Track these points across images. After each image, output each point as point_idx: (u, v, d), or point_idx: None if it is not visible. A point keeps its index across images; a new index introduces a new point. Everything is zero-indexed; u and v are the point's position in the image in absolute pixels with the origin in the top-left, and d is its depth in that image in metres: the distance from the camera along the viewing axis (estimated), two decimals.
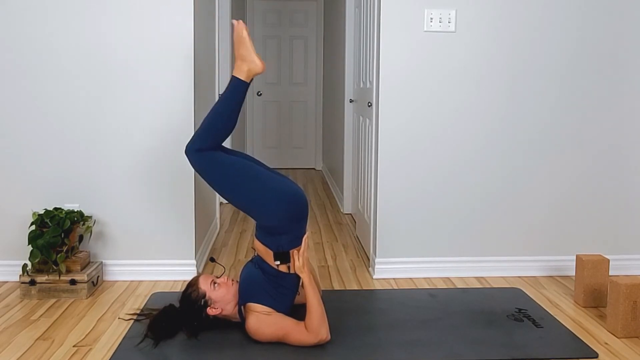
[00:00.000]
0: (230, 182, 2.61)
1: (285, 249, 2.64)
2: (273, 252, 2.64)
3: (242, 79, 2.67)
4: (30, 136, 3.42)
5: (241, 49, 2.68)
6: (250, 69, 2.68)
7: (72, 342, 2.65)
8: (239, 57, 2.68)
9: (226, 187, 2.63)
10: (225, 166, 2.61)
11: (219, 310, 2.66)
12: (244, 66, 2.67)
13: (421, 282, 3.54)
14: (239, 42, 2.69)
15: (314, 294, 2.58)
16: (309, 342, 2.55)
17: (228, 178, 2.61)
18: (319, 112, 8.27)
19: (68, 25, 3.36)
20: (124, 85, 3.41)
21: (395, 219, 3.58)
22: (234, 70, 2.68)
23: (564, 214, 3.66)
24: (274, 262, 2.64)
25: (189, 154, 2.64)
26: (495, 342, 2.67)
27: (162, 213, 3.49)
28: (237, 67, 2.68)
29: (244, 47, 2.68)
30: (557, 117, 3.59)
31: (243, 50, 2.68)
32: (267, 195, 2.59)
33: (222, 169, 2.61)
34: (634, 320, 2.74)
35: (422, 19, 3.46)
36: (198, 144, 2.62)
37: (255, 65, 2.68)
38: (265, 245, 2.66)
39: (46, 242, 3.10)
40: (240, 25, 2.70)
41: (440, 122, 3.54)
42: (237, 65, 2.68)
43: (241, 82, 2.67)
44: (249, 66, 2.68)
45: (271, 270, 2.66)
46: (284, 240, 2.64)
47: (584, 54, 3.56)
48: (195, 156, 2.63)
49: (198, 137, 2.63)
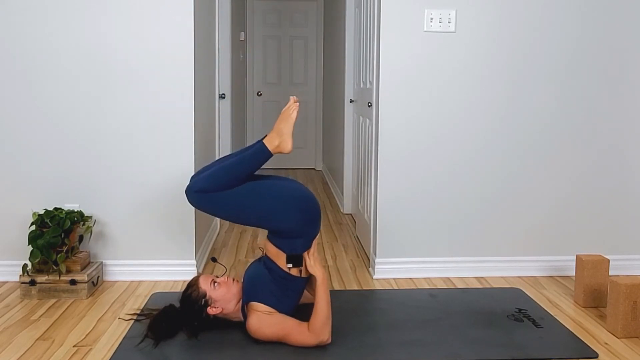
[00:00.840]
0: (235, 210, 2.63)
1: (299, 252, 2.66)
2: (286, 254, 2.65)
3: (270, 149, 2.69)
4: (30, 136, 3.42)
5: (283, 125, 2.71)
6: (281, 146, 2.71)
7: (72, 342, 2.65)
8: (277, 130, 2.71)
9: (232, 217, 2.66)
10: (226, 198, 2.62)
11: (219, 309, 2.66)
12: (276, 140, 2.70)
13: (421, 282, 3.54)
14: (286, 119, 2.72)
15: (325, 294, 2.58)
16: (310, 344, 2.55)
17: (232, 208, 2.63)
18: (319, 112, 8.27)
19: (68, 26, 3.36)
20: (124, 85, 3.41)
21: (395, 219, 3.58)
22: (266, 139, 2.71)
23: (564, 214, 3.66)
24: (285, 264, 2.65)
25: (188, 194, 2.64)
26: (495, 342, 2.67)
27: (162, 213, 3.49)
28: (270, 138, 2.71)
29: (287, 125, 2.71)
30: (557, 117, 3.59)
31: (284, 127, 2.71)
32: (276, 208, 2.61)
33: (223, 203, 2.62)
34: (634, 321, 2.74)
35: (422, 19, 3.46)
36: (200, 185, 2.61)
37: (287, 144, 2.72)
38: (278, 247, 2.67)
39: (46, 242, 3.10)
40: (294, 105, 2.74)
41: (440, 122, 3.54)
42: (272, 136, 2.71)
43: (267, 151, 2.69)
44: (281, 143, 2.71)
45: (280, 272, 2.67)
46: (298, 244, 2.66)
47: (584, 54, 3.57)
48: (195, 196, 2.63)
49: (202, 180, 2.62)
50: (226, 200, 2.62)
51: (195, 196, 2.62)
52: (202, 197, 2.61)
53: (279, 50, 8.19)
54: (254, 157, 2.67)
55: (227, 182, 2.61)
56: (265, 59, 8.19)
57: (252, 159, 2.66)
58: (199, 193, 2.61)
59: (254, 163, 2.66)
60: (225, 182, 2.61)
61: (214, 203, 2.62)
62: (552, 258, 3.68)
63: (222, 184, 2.61)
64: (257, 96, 8.22)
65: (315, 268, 2.64)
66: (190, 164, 3.48)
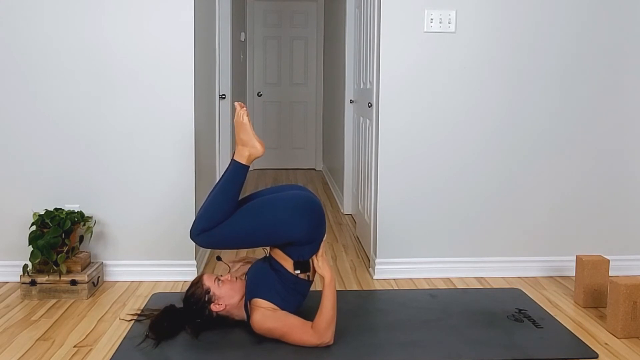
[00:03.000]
0: (244, 236, 2.63)
1: (306, 257, 2.67)
2: (293, 260, 2.66)
3: (243, 163, 2.69)
4: (30, 137, 3.42)
5: (242, 134, 2.70)
6: (251, 153, 2.70)
7: (73, 343, 2.65)
8: (240, 142, 2.70)
9: (244, 243, 2.65)
10: (230, 228, 2.62)
11: (222, 306, 2.67)
12: (245, 151, 2.69)
13: (421, 282, 3.54)
14: (240, 127, 2.71)
15: (332, 295, 2.58)
16: (312, 343, 2.55)
17: (240, 235, 2.63)
18: (319, 112, 8.27)
19: (69, 26, 3.36)
20: (124, 85, 3.42)
21: (395, 220, 3.59)
22: (235, 155, 2.70)
23: (563, 214, 3.67)
24: (293, 270, 2.66)
25: (193, 238, 2.66)
26: (496, 342, 2.67)
27: (163, 214, 3.50)
28: (238, 152, 2.70)
29: (245, 132, 2.69)
30: (557, 118, 3.60)
31: (244, 135, 2.70)
32: (281, 220, 2.60)
33: (229, 234, 2.63)
34: (633, 321, 2.75)
35: (422, 19, 3.47)
36: (198, 226, 2.63)
37: (256, 149, 2.70)
38: (285, 253, 2.68)
39: (47, 243, 3.10)
40: (241, 110, 2.72)
41: (440, 123, 3.54)
42: (239, 150, 2.70)
43: (242, 166, 2.69)
44: (250, 151, 2.70)
45: (289, 276, 2.67)
46: (306, 250, 2.66)
47: (585, 55, 3.57)
48: (200, 238, 2.64)
49: (198, 221, 2.64)
50: (231, 230, 2.62)
51: (199, 239, 2.64)
52: (207, 237, 2.63)
53: (279, 50, 8.19)
54: (234, 177, 2.67)
55: (220, 212, 2.62)
56: (266, 60, 8.19)
57: (232, 179, 2.66)
58: (201, 234, 2.63)
59: (236, 182, 2.66)
60: (219, 213, 2.62)
61: (220, 237, 2.63)
62: (552, 258, 3.69)
63: (217, 215, 2.62)
64: (258, 96, 8.22)
65: (323, 269, 2.64)
66: (190, 164, 3.48)
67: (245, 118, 2.70)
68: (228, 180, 2.67)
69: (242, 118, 2.70)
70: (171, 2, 3.39)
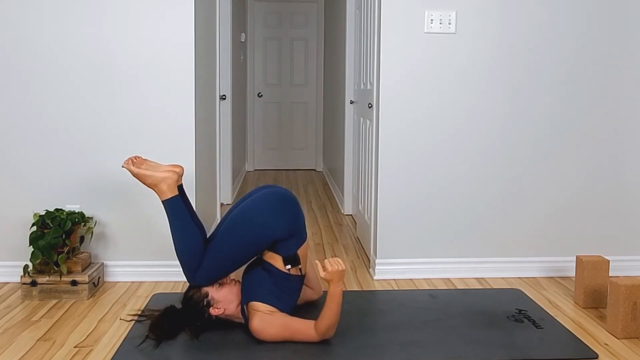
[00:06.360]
0: (232, 259, 2.64)
1: (293, 251, 2.67)
2: (282, 256, 2.66)
3: (170, 196, 2.69)
4: (31, 137, 3.42)
5: (146, 181, 2.71)
6: (168, 184, 2.70)
7: (73, 343, 2.66)
8: (150, 186, 2.71)
9: (236, 263, 2.66)
10: (215, 259, 2.64)
11: (221, 310, 2.67)
12: (162, 187, 2.70)
13: (421, 283, 3.54)
14: (139, 179, 2.72)
15: (337, 304, 2.52)
16: (313, 341, 2.59)
17: (228, 260, 2.64)
18: (320, 113, 8.28)
19: (69, 27, 3.37)
20: (125, 86, 3.42)
21: (395, 220, 3.59)
22: (160, 195, 2.70)
23: (564, 215, 3.67)
24: (284, 266, 2.66)
25: (193, 283, 2.70)
26: (496, 343, 2.67)
27: (163, 214, 3.50)
28: (158, 192, 2.70)
29: (147, 177, 2.70)
30: (557, 119, 3.60)
31: (149, 180, 2.70)
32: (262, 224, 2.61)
33: (218, 264, 2.65)
34: (633, 321, 2.75)
35: (423, 20, 3.47)
36: (189, 271, 2.67)
37: (169, 177, 2.70)
38: (273, 252, 2.67)
39: (47, 243, 3.10)
40: (129, 167, 2.71)
41: (440, 123, 3.55)
42: (158, 190, 2.71)
43: (171, 199, 2.69)
44: (165, 183, 2.69)
45: (281, 273, 2.67)
46: (292, 243, 2.66)
47: (586, 56, 3.57)
48: (198, 280, 2.68)
49: (184, 268, 2.68)
50: (219, 257, 2.64)
51: (197, 280, 2.68)
52: (202, 274, 2.66)
53: (280, 51, 8.20)
54: (176, 212, 2.68)
55: (194, 247, 2.65)
56: (266, 60, 8.20)
57: (176, 215, 2.68)
58: (196, 276, 2.66)
59: (181, 214, 2.67)
60: (193, 248, 2.64)
61: (214, 268, 2.65)
62: (552, 259, 3.69)
63: (193, 251, 2.64)
64: (258, 97, 8.23)
65: (331, 280, 2.52)
66: (191, 165, 3.48)
67: (135, 170, 2.70)
68: (174, 218, 2.68)
69: (134, 172, 2.71)
70: (171, 3, 3.39)
